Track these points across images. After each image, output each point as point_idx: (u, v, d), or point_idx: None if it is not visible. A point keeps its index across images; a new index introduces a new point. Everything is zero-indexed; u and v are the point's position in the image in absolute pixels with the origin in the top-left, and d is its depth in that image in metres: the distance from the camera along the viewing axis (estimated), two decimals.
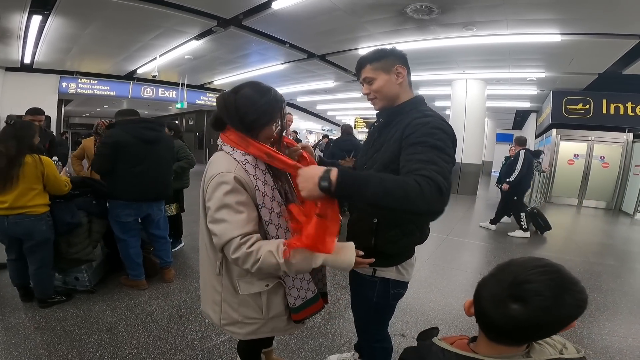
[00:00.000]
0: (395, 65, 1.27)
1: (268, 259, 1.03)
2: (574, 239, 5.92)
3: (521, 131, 17.70)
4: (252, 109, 1.13)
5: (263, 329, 1.26)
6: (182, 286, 2.99)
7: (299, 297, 1.25)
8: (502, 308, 0.64)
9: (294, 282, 1.23)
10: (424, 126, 1.13)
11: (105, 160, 2.63)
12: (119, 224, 2.76)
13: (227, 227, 1.06)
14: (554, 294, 0.61)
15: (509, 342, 0.69)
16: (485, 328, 0.71)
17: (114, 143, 2.59)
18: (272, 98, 1.17)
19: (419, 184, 0.92)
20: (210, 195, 1.10)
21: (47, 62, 9.36)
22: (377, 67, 1.27)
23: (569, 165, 9.73)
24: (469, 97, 9.56)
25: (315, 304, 1.30)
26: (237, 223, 1.06)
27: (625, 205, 8.76)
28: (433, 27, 6.04)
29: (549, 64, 7.74)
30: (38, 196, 2.31)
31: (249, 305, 1.22)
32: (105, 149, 2.61)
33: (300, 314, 1.27)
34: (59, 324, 2.32)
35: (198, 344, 2.18)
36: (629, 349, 2.34)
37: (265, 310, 1.23)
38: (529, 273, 0.64)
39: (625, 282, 3.68)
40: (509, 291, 0.64)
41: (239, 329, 1.25)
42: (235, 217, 1.06)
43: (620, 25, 5.35)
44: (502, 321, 0.65)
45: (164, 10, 5.93)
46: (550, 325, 0.64)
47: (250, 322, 1.24)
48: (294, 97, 15.07)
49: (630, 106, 9.01)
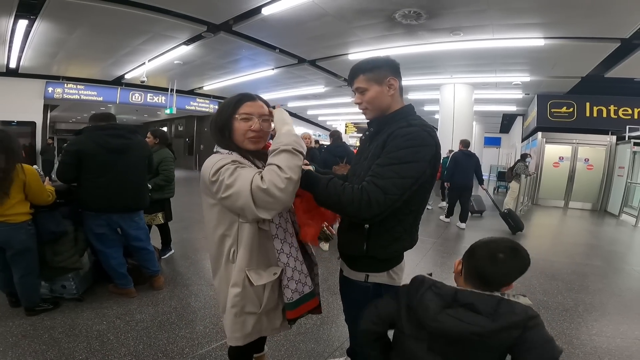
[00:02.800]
0: (388, 77, 1.29)
1: (269, 176, 1.04)
2: (560, 240, 6.04)
3: (508, 134, 18.05)
4: (219, 111, 1.26)
5: (256, 326, 1.27)
6: (172, 293, 2.95)
7: (296, 291, 1.26)
8: (494, 259, 1.02)
9: (294, 273, 1.26)
10: (402, 137, 1.18)
11: (67, 169, 2.52)
12: (93, 235, 2.67)
13: (241, 179, 1.06)
14: (522, 255, 1.03)
15: (488, 288, 1.01)
16: (474, 276, 1.05)
17: (76, 152, 2.49)
18: (233, 96, 1.26)
19: (353, 194, 1.12)
20: (212, 178, 1.11)
21: (32, 67, 9.22)
22: (370, 78, 1.29)
23: (554, 168, 9.94)
24: (457, 101, 9.71)
25: (311, 301, 1.31)
26: (248, 171, 1.08)
27: (611, 206, 8.97)
28: (421, 32, 6.15)
29: (533, 68, 7.93)
30: (18, 204, 2.26)
31: (252, 299, 1.24)
32: (68, 158, 2.50)
33: (295, 312, 1.28)
34: (47, 331, 2.27)
35: (190, 351, 2.15)
36: (618, 350, 2.37)
37: (264, 302, 1.24)
38: (507, 242, 1.06)
39: (612, 282, 3.75)
40: (497, 250, 1.03)
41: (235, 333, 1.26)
42: (243, 170, 1.09)
43: (602, 30, 5.52)
44: (491, 269, 1.01)
45: (152, 15, 5.90)
46: (513, 274, 1.03)
47: (246, 318, 1.25)
48: (285, 102, 15.08)
49: (613, 109, 9.27)
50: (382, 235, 1.27)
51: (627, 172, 8.34)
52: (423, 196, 1.29)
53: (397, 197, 1.14)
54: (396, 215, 1.23)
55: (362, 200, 1.11)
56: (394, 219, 1.24)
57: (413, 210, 1.29)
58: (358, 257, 1.34)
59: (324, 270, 3.57)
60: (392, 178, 1.13)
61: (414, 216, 1.31)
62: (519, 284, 3.67)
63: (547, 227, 7.34)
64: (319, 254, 4.11)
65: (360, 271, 1.36)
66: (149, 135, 3.63)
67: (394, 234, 1.28)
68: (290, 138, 1.10)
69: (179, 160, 5.62)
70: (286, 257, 1.25)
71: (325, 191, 1.16)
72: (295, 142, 1.09)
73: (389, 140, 1.20)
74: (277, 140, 1.10)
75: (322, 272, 3.50)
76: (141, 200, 2.85)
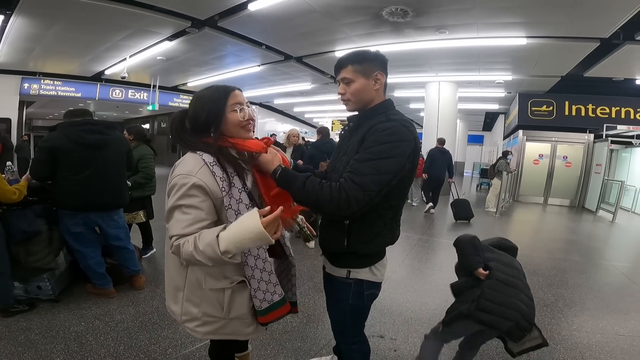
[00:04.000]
0: (375, 71, 1.28)
1: (186, 248, 1.03)
2: (540, 236, 6.19)
3: (490, 132, 18.41)
4: (201, 106, 1.16)
5: (223, 330, 1.23)
6: (154, 293, 2.87)
7: (265, 300, 1.23)
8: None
9: (260, 284, 1.21)
10: (380, 132, 1.17)
11: (41, 166, 2.41)
12: (70, 235, 2.57)
13: (171, 225, 1.09)
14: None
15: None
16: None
17: (50, 148, 2.39)
18: (214, 89, 1.18)
19: (331, 192, 1.12)
20: (169, 192, 1.11)
21: (8, 63, 8.90)
22: (357, 70, 1.27)
23: (534, 165, 10.19)
24: (442, 99, 9.84)
25: (282, 308, 1.28)
26: (179, 223, 1.06)
27: (588, 203, 9.27)
28: (408, 30, 6.19)
29: (515, 67, 8.09)
30: None
31: (211, 301, 1.20)
32: (41, 155, 2.39)
33: (267, 317, 1.25)
34: (23, 333, 2.19)
35: (172, 351, 2.10)
36: (598, 345, 2.42)
37: (227, 309, 1.20)
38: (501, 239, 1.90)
39: (590, 277, 3.84)
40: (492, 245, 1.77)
41: (199, 327, 1.22)
42: (180, 217, 1.07)
43: (582, 29, 5.67)
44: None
45: (133, 10, 5.74)
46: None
47: (210, 320, 1.21)
48: (271, 99, 14.98)
49: (591, 107, 9.55)
50: (363, 231, 1.27)
51: (604, 169, 8.64)
52: (403, 191, 1.29)
53: (375, 194, 1.13)
54: (376, 210, 1.22)
55: (340, 199, 1.10)
56: (374, 214, 1.24)
57: (393, 205, 1.29)
58: (339, 253, 1.33)
59: (309, 268, 3.55)
60: (370, 175, 1.12)
61: (394, 211, 1.31)
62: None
63: (527, 223, 7.52)
64: (304, 251, 4.09)
65: (342, 267, 1.35)
66: (124, 133, 3.53)
67: (374, 229, 1.28)
68: (215, 249, 1.00)
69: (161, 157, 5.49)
70: (250, 269, 1.19)
71: (303, 190, 1.15)
72: (237, 244, 0.99)
73: (368, 135, 1.19)
74: (239, 228, 0.99)
75: (307, 270, 3.51)
76: (120, 198, 2.76)
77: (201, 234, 1.03)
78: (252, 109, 1.22)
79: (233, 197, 1.12)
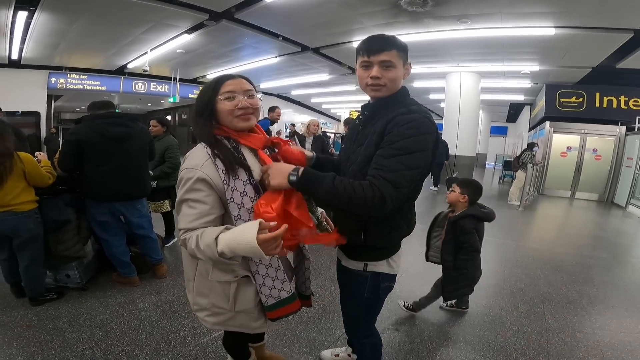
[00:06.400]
0: (408, 61, 1.26)
1: (190, 244, 1.06)
2: (566, 231, 5.99)
3: (515, 124, 17.81)
4: (199, 97, 1.20)
5: (231, 322, 1.25)
6: (175, 282, 2.96)
7: (271, 296, 1.22)
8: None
9: (265, 280, 1.20)
10: (404, 125, 1.12)
11: (69, 158, 2.51)
12: (97, 224, 2.68)
13: (179, 219, 1.12)
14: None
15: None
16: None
17: (76, 141, 2.47)
18: (212, 80, 1.21)
19: (364, 192, 1.04)
20: (177, 185, 1.14)
21: (35, 58, 9.19)
22: (401, 56, 1.22)
23: (561, 158, 9.79)
24: (464, 90, 9.55)
25: (291, 305, 1.27)
26: (186, 217, 1.09)
27: (618, 198, 8.85)
28: (427, 20, 6.01)
29: (542, 58, 7.74)
30: (23, 193, 2.27)
31: (218, 293, 1.21)
32: (68, 147, 2.49)
33: (275, 313, 1.25)
34: (51, 321, 2.29)
35: (191, 340, 2.17)
36: (621, 344, 2.34)
37: (232, 302, 1.21)
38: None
39: (616, 275, 3.70)
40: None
41: (208, 317, 1.26)
42: (187, 211, 1.10)
43: (614, 20, 5.35)
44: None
45: (153, 4, 5.82)
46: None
47: (218, 311, 1.24)
48: (288, 90, 14.97)
49: (623, 99, 9.07)
50: (382, 224, 1.25)
51: (635, 163, 8.19)
52: (421, 183, 1.26)
53: (407, 190, 1.09)
54: None
55: (374, 198, 1.03)
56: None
57: (410, 198, 1.27)
58: (356, 246, 1.31)
59: (326, 259, 3.57)
60: (400, 171, 1.07)
61: (410, 203, 1.30)
62: (524, 275, 3.65)
63: (552, 218, 7.27)
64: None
65: (359, 260, 1.34)
66: (156, 124, 3.62)
67: (391, 223, 1.26)
68: (214, 250, 1.00)
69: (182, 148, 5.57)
70: (255, 265, 1.19)
71: (333, 190, 1.05)
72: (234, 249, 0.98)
73: (389, 128, 1.14)
74: (236, 237, 0.97)
75: (324, 261, 3.53)
76: (143, 188, 2.86)
77: (203, 232, 1.04)
78: (256, 98, 1.19)
79: (236, 190, 1.09)
